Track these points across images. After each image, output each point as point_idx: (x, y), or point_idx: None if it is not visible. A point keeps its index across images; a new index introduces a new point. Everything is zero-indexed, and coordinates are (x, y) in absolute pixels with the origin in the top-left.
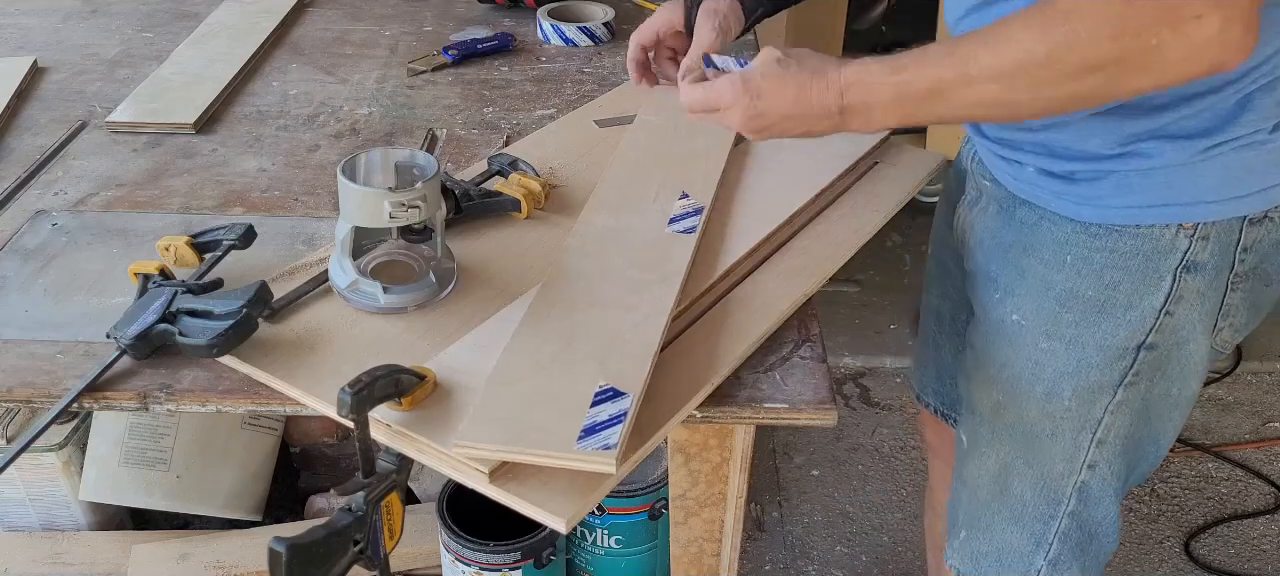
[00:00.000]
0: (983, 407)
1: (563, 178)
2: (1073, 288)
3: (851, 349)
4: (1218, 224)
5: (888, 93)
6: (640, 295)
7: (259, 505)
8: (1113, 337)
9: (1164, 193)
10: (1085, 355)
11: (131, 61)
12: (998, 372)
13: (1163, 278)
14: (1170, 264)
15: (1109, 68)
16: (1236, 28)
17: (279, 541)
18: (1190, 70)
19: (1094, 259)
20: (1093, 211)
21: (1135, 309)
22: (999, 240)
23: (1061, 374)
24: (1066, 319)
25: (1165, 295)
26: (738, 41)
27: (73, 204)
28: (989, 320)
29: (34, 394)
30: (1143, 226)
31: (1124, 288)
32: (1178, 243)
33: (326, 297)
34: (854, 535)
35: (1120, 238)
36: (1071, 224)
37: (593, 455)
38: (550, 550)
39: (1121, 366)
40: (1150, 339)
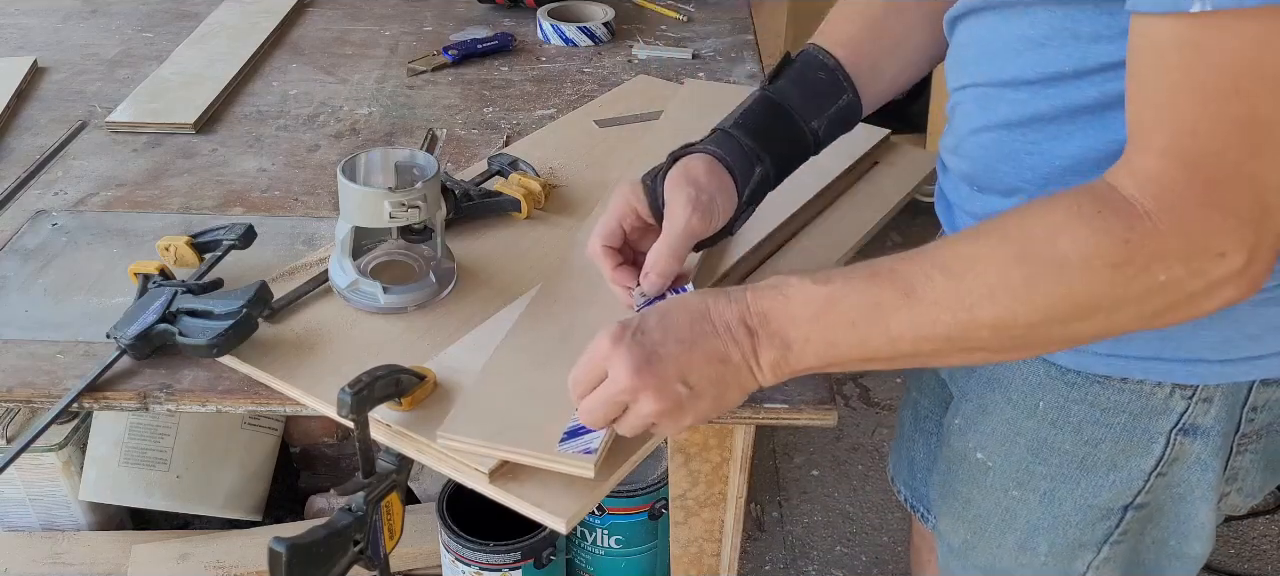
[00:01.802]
0: (953, 540)
1: (563, 178)
2: (1046, 438)
3: None
4: (1223, 387)
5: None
6: None
7: (259, 505)
8: (1094, 498)
9: (1157, 344)
10: (1062, 512)
11: (131, 61)
12: (964, 509)
13: (1154, 439)
14: (1163, 425)
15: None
16: (1260, 265)
17: (279, 541)
18: (1201, 310)
19: (1071, 410)
20: (1070, 357)
21: (1120, 470)
22: None
23: (1035, 527)
24: (1040, 471)
25: (1156, 459)
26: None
27: (73, 204)
28: (952, 447)
29: (34, 394)
30: (1130, 380)
31: (1106, 446)
32: (1173, 403)
33: (326, 297)
34: (854, 535)
35: (1103, 391)
36: (1045, 366)
37: (573, 458)
38: (550, 550)
39: (1105, 526)
40: (1139, 499)
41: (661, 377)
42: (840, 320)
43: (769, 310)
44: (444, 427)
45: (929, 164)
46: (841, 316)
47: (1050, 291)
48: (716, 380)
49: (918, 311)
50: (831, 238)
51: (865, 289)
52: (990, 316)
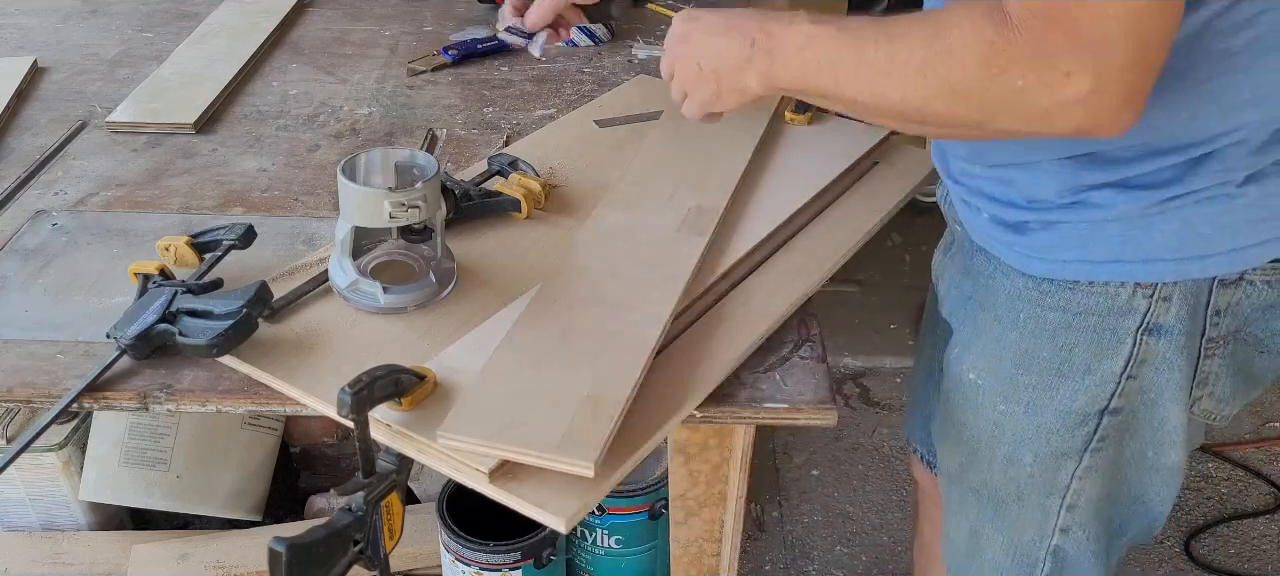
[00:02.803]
0: (950, 467)
1: (563, 178)
2: (1027, 349)
3: (851, 349)
4: (1181, 285)
5: (796, 39)
6: (642, 295)
7: (259, 505)
8: (1071, 403)
9: (1118, 247)
10: (1044, 420)
11: (131, 61)
12: (959, 433)
13: (1122, 340)
14: (1129, 325)
15: (975, 97)
16: (1109, 98)
17: (279, 541)
18: (1058, 126)
19: (1047, 318)
20: (1043, 265)
21: (1094, 373)
22: (960, 289)
23: (1021, 439)
24: (1022, 382)
25: (1125, 359)
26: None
27: (73, 204)
28: (950, 374)
29: (34, 394)
30: (1096, 283)
31: (1080, 350)
32: (1136, 303)
33: (326, 297)
34: (854, 535)
35: (1073, 295)
36: (1023, 278)
37: (573, 459)
38: (550, 550)
39: (1084, 432)
40: (1113, 404)
41: (686, 53)
42: (814, 58)
43: (774, 31)
44: (444, 427)
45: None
46: (815, 55)
47: (936, 73)
48: (718, 69)
49: (861, 71)
50: (831, 237)
51: (836, 39)
52: (898, 86)
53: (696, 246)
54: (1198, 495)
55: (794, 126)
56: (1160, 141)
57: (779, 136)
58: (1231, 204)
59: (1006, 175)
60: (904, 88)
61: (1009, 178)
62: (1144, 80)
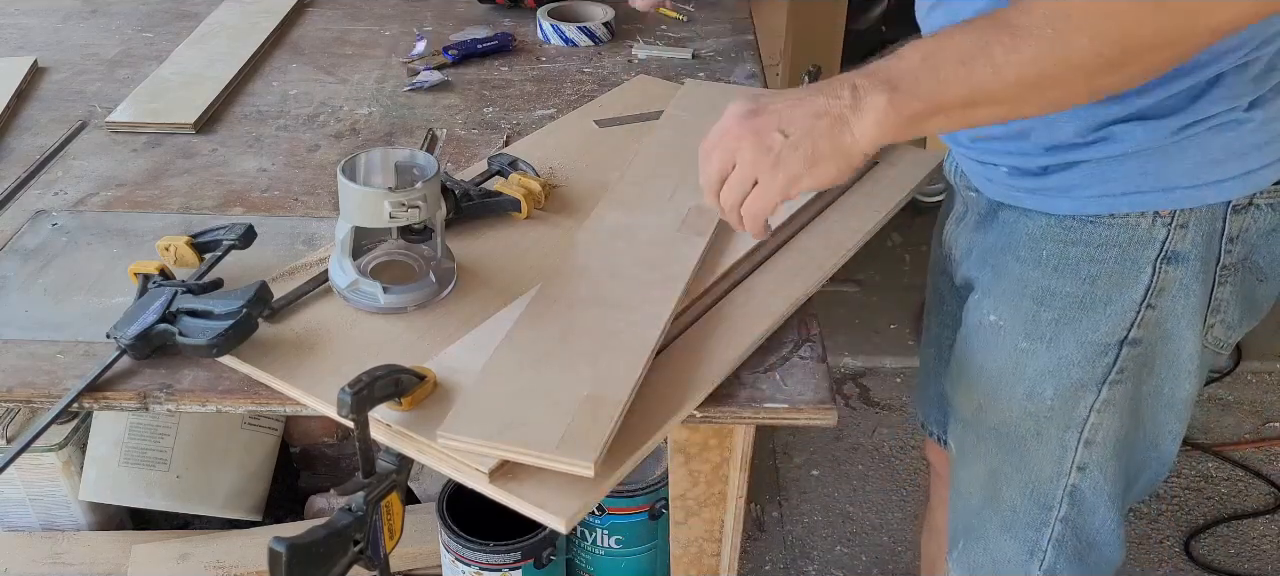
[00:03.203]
0: (965, 412)
1: (563, 178)
2: (1049, 285)
3: (851, 349)
4: (1197, 211)
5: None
6: (642, 294)
7: (259, 505)
8: (1092, 333)
9: (1137, 179)
10: (1065, 353)
11: (131, 61)
12: (977, 376)
13: (1141, 269)
14: (1149, 254)
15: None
16: None
17: (279, 541)
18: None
19: (1069, 253)
20: (1066, 203)
21: (1114, 303)
22: (979, 247)
23: (1042, 373)
24: (1044, 317)
25: (1145, 288)
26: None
27: (73, 204)
28: (968, 323)
29: (34, 394)
30: (1117, 215)
31: (1102, 282)
32: (1155, 232)
33: (326, 297)
34: (854, 535)
35: (1095, 228)
36: (1046, 218)
37: (573, 459)
38: (550, 550)
39: (1104, 363)
40: (1133, 334)
41: (762, 125)
42: (948, 58)
43: (877, 67)
44: (444, 427)
45: (929, 164)
46: (950, 54)
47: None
48: (811, 129)
49: (1024, 36)
50: (831, 238)
51: (967, 29)
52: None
53: (696, 246)
54: (1198, 495)
55: None
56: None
57: None
58: (1240, 129)
59: (1022, 124)
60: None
61: (1025, 129)
62: None
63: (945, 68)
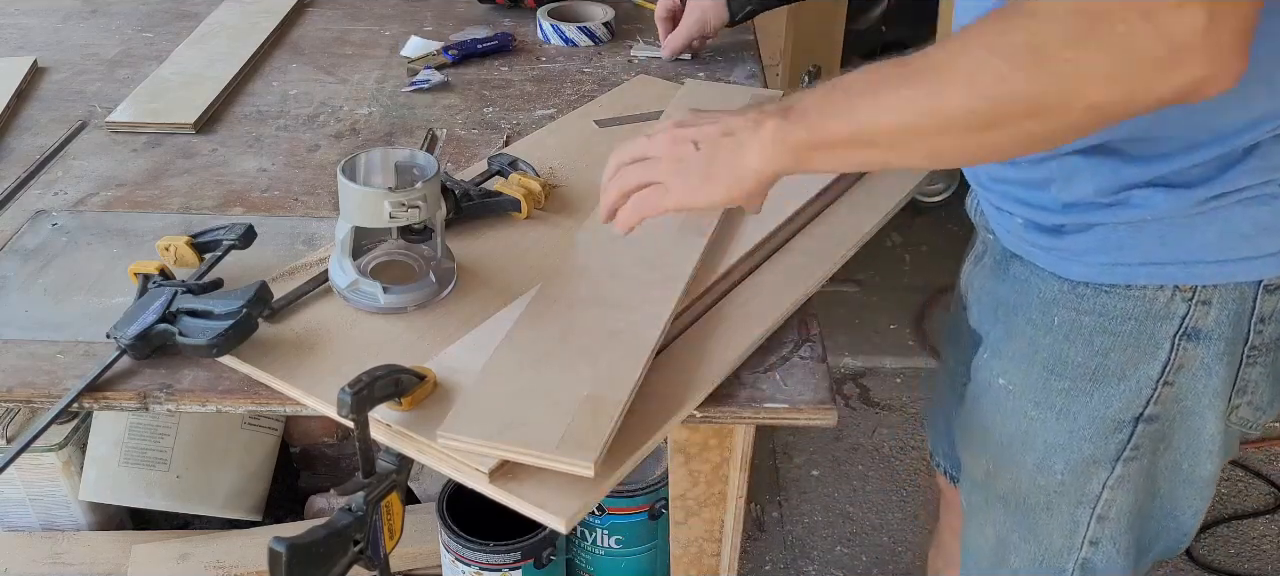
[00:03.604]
0: (975, 473)
1: (563, 178)
2: (1061, 353)
3: (851, 349)
4: (1223, 288)
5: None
6: (642, 294)
7: (259, 505)
8: (1105, 409)
9: (1156, 249)
10: (1077, 427)
11: (131, 61)
12: (986, 439)
13: (1159, 345)
14: (1167, 330)
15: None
16: (1225, 33)
17: (279, 541)
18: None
19: (1083, 322)
20: (1080, 269)
21: (1129, 378)
22: (992, 296)
23: (1052, 446)
24: (1055, 387)
25: (1162, 365)
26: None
27: (73, 204)
28: (977, 380)
29: (34, 394)
30: (1134, 287)
31: (1115, 355)
32: (1174, 307)
33: (326, 297)
34: (854, 535)
35: (1110, 299)
36: (1059, 282)
37: (573, 458)
38: (550, 550)
39: (1118, 440)
40: (1149, 411)
41: (682, 134)
42: (843, 93)
43: (794, 95)
44: (444, 427)
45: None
46: (847, 90)
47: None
48: (716, 147)
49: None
50: (831, 237)
51: (869, 70)
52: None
53: (696, 246)
54: None
55: None
56: (1200, 133)
57: None
58: (1275, 203)
59: (1041, 174)
60: (971, 76)
61: (1043, 179)
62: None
63: (838, 103)
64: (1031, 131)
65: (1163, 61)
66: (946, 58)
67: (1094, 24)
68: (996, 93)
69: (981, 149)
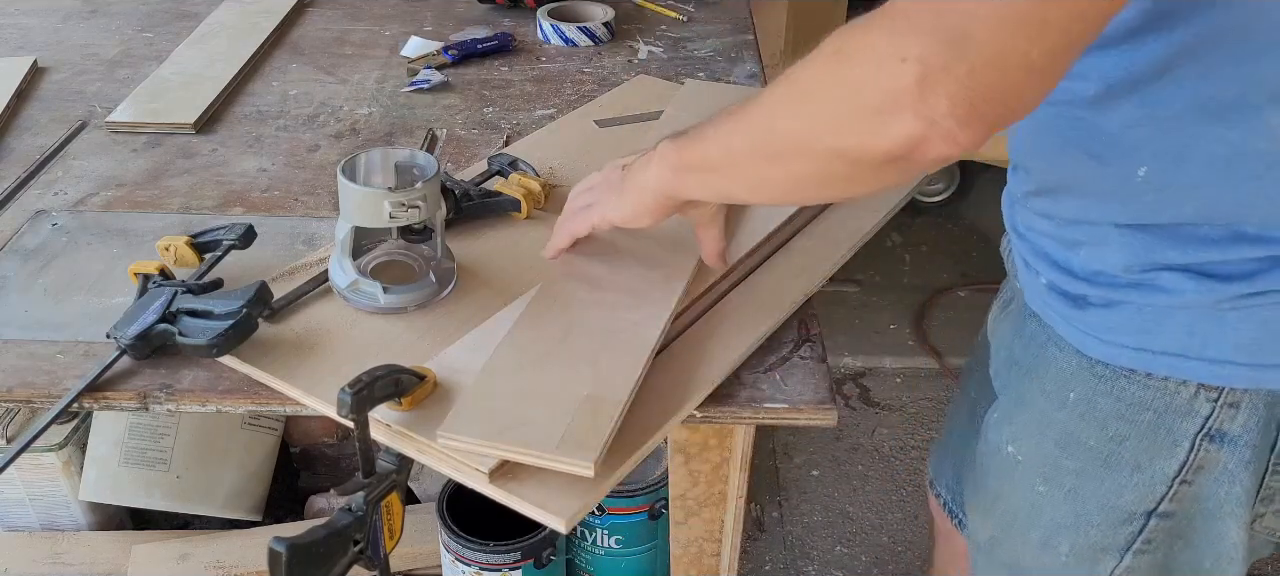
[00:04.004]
0: (980, 537)
1: (563, 178)
2: (1074, 432)
3: (851, 349)
4: (1252, 393)
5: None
6: (642, 295)
7: (259, 505)
8: (1117, 498)
9: (1184, 340)
10: (1085, 511)
11: (131, 61)
12: (991, 504)
13: (1178, 443)
14: (1188, 428)
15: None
16: (940, 98)
17: (279, 541)
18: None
19: (1099, 404)
20: (1099, 347)
21: (1144, 471)
22: (1010, 353)
23: (1058, 525)
24: (1066, 465)
25: (1181, 463)
26: None
27: (73, 204)
28: (987, 441)
29: (34, 394)
30: (1155, 376)
31: (1131, 444)
32: (1197, 405)
33: (326, 297)
34: (854, 535)
35: (1129, 385)
36: (1077, 357)
37: (572, 458)
38: (550, 550)
39: (1128, 531)
40: (1163, 507)
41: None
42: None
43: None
44: (444, 427)
45: None
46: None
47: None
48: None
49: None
50: (831, 237)
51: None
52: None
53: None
54: None
55: None
56: (1252, 226)
57: None
58: None
59: (1073, 235)
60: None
61: (1075, 240)
62: (995, 104)
63: (703, 129)
64: (800, 172)
65: (880, 111)
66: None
67: (840, 66)
68: (771, 127)
69: (777, 185)
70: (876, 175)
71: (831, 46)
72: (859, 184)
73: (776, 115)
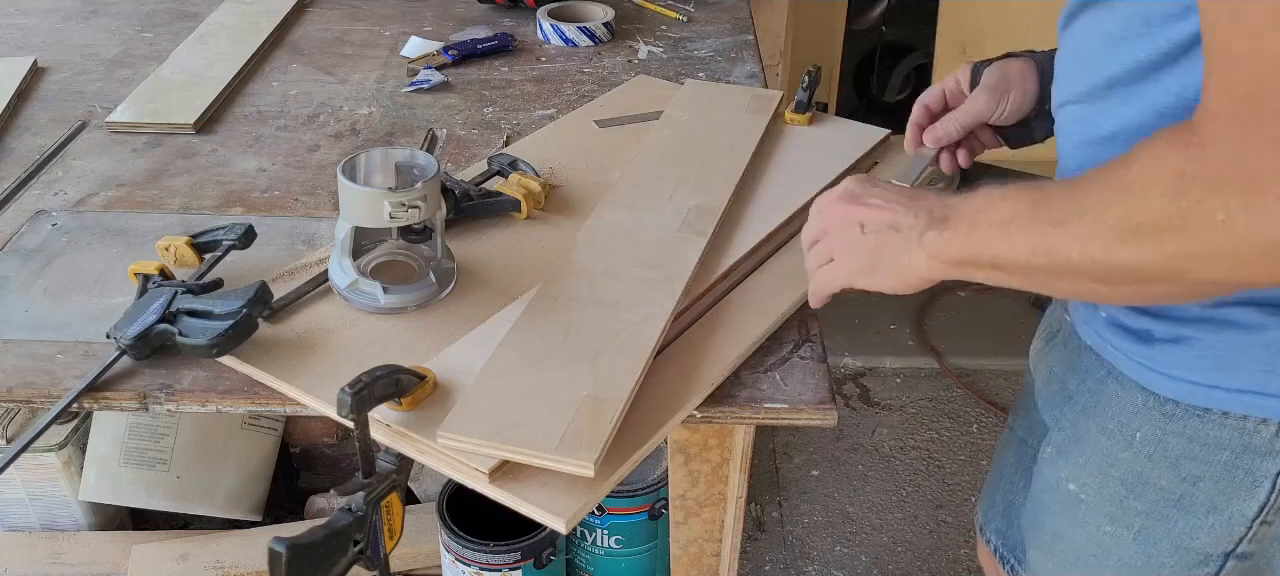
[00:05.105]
0: (1042, 573)
1: (563, 178)
2: (1142, 473)
3: (851, 349)
4: None
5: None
6: (642, 295)
7: (259, 505)
8: (1191, 540)
9: (1260, 377)
10: (1157, 552)
11: (131, 61)
12: (1052, 542)
13: (1259, 483)
14: (1268, 468)
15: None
16: None
17: (279, 541)
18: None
19: (1169, 444)
20: (1168, 384)
21: (1221, 513)
22: (1062, 386)
23: (1128, 566)
24: (1135, 507)
25: (1261, 504)
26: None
27: (73, 204)
28: (1045, 476)
29: (34, 394)
30: (1232, 415)
31: (1206, 485)
32: (1278, 444)
33: (326, 297)
34: (854, 535)
35: (1203, 424)
36: (1143, 394)
37: (572, 459)
38: (550, 550)
39: (1203, 573)
40: (1242, 548)
41: (850, 215)
42: (989, 220)
43: (954, 202)
44: (444, 427)
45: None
46: (992, 216)
47: (1114, 215)
48: (881, 239)
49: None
50: None
51: (1017, 196)
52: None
53: (696, 246)
54: None
55: (794, 126)
56: None
57: (779, 136)
58: None
59: None
60: (1082, 237)
61: None
62: None
63: (981, 227)
64: (1153, 293)
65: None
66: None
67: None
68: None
69: (1106, 296)
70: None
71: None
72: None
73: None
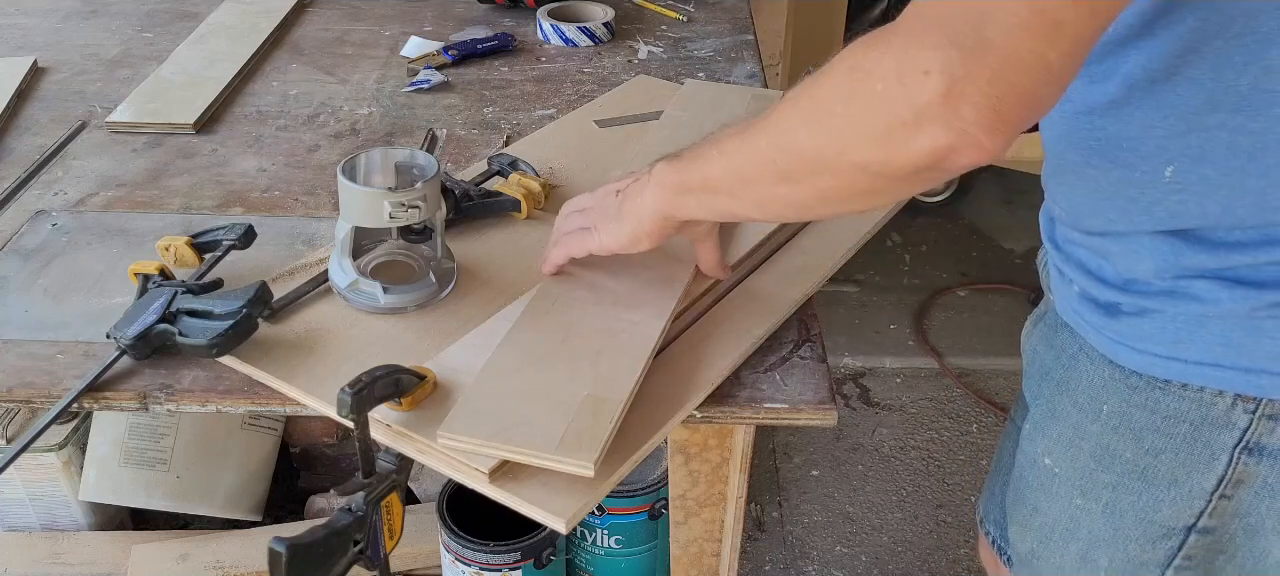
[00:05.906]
0: (1020, 549)
1: (563, 178)
2: (1109, 444)
3: (851, 349)
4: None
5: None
6: (642, 294)
7: (259, 505)
8: (1154, 512)
9: (1217, 350)
10: (1123, 525)
11: (131, 61)
12: (1031, 516)
13: (1216, 456)
14: (1225, 441)
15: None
16: (966, 109)
17: (279, 541)
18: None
19: (1133, 416)
20: (1133, 356)
21: (1181, 486)
22: (1041, 363)
23: (1097, 539)
24: (1102, 479)
25: (1218, 477)
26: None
27: (73, 204)
28: (1024, 452)
29: (34, 394)
30: (1190, 387)
31: (1167, 458)
32: (1235, 417)
33: (326, 297)
34: (854, 535)
35: (1164, 396)
36: (1110, 367)
37: (573, 459)
38: (550, 550)
39: (1167, 547)
40: (1202, 522)
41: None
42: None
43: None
44: (444, 427)
45: None
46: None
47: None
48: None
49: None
50: (831, 238)
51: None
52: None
53: None
54: None
55: None
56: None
57: None
58: None
59: (1103, 245)
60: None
61: (1105, 249)
62: (1017, 108)
63: (702, 150)
64: (822, 188)
65: (908, 124)
66: (770, 112)
67: (860, 83)
68: (788, 145)
69: (791, 202)
70: (901, 186)
71: (847, 63)
72: (881, 196)
73: (792, 134)
